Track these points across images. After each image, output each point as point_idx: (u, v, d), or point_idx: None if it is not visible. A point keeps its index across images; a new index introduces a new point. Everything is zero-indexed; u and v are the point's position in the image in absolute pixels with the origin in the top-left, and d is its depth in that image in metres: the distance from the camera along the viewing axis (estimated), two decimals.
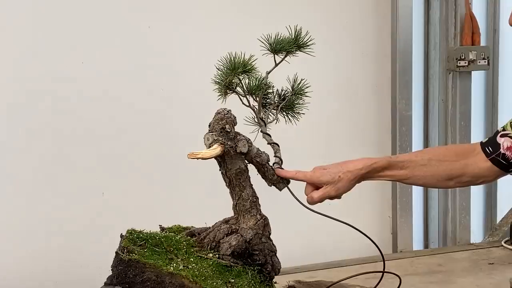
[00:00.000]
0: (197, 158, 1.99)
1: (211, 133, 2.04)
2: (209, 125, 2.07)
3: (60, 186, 2.89)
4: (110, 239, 2.21)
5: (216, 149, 2.01)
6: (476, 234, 3.66)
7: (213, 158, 2.06)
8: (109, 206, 2.95)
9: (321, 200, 2.10)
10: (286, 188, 2.16)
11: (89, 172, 2.93)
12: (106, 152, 2.95)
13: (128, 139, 2.97)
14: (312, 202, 2.12)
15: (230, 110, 2.07)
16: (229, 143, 2.04)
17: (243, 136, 2.09)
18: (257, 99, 2.18)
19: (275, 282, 2.58)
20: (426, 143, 3.58)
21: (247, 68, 2.12)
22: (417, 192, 3.56)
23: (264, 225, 2.14)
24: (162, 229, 2.23)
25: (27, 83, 2.82)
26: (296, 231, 3.20)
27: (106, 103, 2.93)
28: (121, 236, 2.10)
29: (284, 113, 2.27)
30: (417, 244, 3.61)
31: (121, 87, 2.95)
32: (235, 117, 2.07)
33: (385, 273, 2.32)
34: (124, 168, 2.96)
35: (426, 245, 3.66)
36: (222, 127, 2.03)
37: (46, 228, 2.88)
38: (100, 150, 2.94)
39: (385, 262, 2.33)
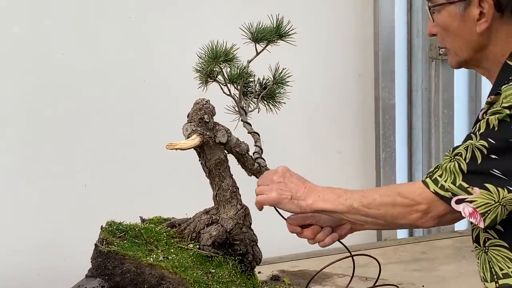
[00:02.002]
0: (176, 149, 1.98)
1: (189, 124, 2.03)
2: (188, 116, 2.06)
3: (43, 178, 2.87)
4: (93, 231, 2.19)
5: (195, 139, 2.00)
6: (461, 221, 3.67)
7: (193, 149, 2.05)
8: (92, 198, 2.93)
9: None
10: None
11: (72, 165, 2.91)
12: (88, 145, 2.93)
13: (109, 132, 2.96)
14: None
15: (208, 100, 2.06)
16: (207, 133, 2.03)
17: (222, 126, 2.08)
18: (238, 87, 2.17)
19: (259, 272, 2.59)
20: (409, 132, 3.59)
21: (229, 57, 2.11)
22: (401, 180, 3.56)
23: (245, 215, 2.13)
24: (143, 220, 2.22)
25: (6, 79, 2.81)
26: (278, 221, 3.19)
27: (87, 95, 2.91)
28: (101, 228, 2.09)
29: (265, 102, 2.26)
30: (402, 232, 3.62)
31: (101, 79, 2.93)
32: (213, 107, 2.05)
33: (371, 263, 2.30)
34: (105, 160, 2.95)
35: (411, 233, 3.67)
36: (201, 118, 2.02)
37: (28, 221, 2.86)
38: (82, 143, 2.92)
39: (370, 250, 2.32)
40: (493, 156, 1.63)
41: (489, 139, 1.63)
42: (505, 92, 1.63)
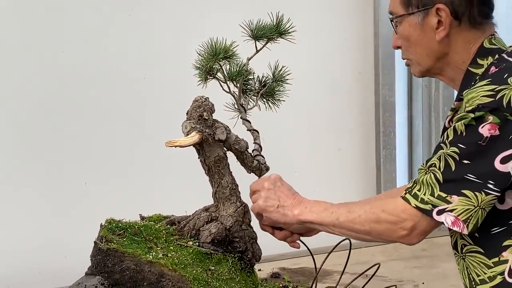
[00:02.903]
0: (175, 146, 1.97)
1: (188, 121, 2.02)
2: (187, 113, 2.05)
3: (43, 177, 2.88)
4: (93, 229, 2.19)
5: (194, 136, 1.99)
6: None
7: (192, 146, 2.04)
8: (92, 196, 2.93)
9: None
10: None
11: (72, 163, 2.91)
12: (88, 143, 2.94)
13: (109, 130, 2.96)
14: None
15: (207, 97, 2.05)
16: (207, 130, 2.02)
17: (221, 123, 2.07)
18: (238, 85, 2.17)
19: (259, 270, 2.59)
20: (410, 129, 3.59)
21: (228, 54, 2.11)
22: (401, 177, 3.56)
23: (244, 212, 2.13)
24: (142, 218, 2.22)
25: (6, 76, 2.81)
26: None
27: (86, 93, 2.91)
28: (101, 225, 2.09)
29: (265, 100, 2.25)
30: None
31: (101, 77, 2.93)
32: (212, 104, 2.05)
33: (372, 260, 2.31)
34: (105, 158, 2.95)
35: None
36: (200, 115, 2.02)
37: (29, 219, 2.87)
38: (82, 141, 2.93)
39: (370, 248, 2.31)
40: (466, 162, 1.65)
41: (459, 145, 1.65)
42: (466, 97, 1.66)
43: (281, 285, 2.17)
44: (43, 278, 2.84)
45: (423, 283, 2.67)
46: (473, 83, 1.70)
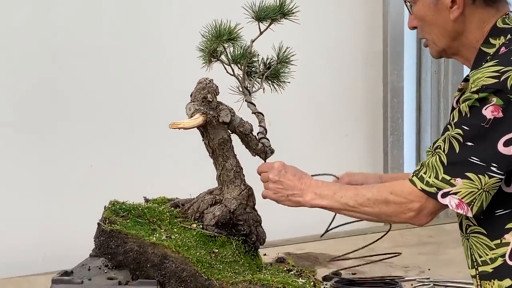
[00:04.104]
0: (179, 128, 1.97)
1: (192, 103, 2.01)
2: (191, 95, 2.04)
3: (49, 159, 2.88)
4: (98, 212, 2.19)
5: (198, 118, 1.98)
6: None
7: (196, 128, 2.03)
8: (98, 178, 2.93)
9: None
10: None
11: (77, 146, 2.91)
12: (94, 126, 2.93)
13: (115, 113, 2.95)
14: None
15: (212, 79, 2.04)
16: (211, 112, 2.01)
17: (226, 105, 2.06)
18: (242, 67, 2.15)
19: (264, 254, 2.58)
20: (418, 115, 3.56)
21: (232, 36, 2.09)
22: (409, 163, 3.54)
23: (248, 195, 2.12)
24: (147, 200, 2.21)
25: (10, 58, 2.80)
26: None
27: (92, 76, 2.91)
28: (105, 207, 2.09)
29: (270, 82, 2.24)
30: None
31: (107, 60, 2.92)
32: (217, 86, 2.04)
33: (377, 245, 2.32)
34: (111, 141, 2.95)
35: None
36: (204, 97, 2.01)
37: (34, 201, 2.87)
38: (88, 124, 2.92)
39: (377, 234, 2.38)
40: (469, 144, 1.64)
41: (463, 127, 1.64)
42: (472, 77, 1.65)
43: (285, 268, 2.16)
44: (48, 259, 2.85)
45: (429, 269, 2.66)
46: (483, 63, 1.69)
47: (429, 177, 1.68)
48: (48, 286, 1.97)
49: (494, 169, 1.62)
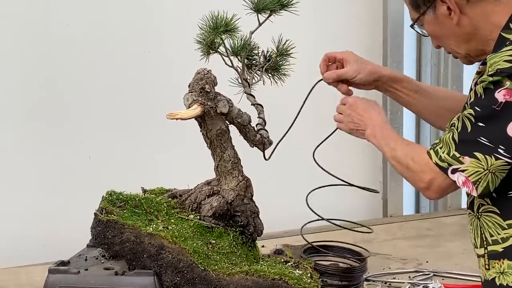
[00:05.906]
0: (176, 119, 1.97)
1: (190, 93, 2.01)
2: (189, 85, 2.04)
3: (48, 150, 2.88)
4: (97, 202, 2.19)
5: (196, 109, 1.98)
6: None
7: (194, 119, 2.03)
8: (96, 169, 2.93)
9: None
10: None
11: (76, 136, 2.91)
12: (92, 116, 2.93)
13: (114, 104, 2.95)
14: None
15: (210, 70, 2.04)
16: (209, 103, 2.01)
17: (224, 96, 2.06)
18: (241, 59, 2.15)
19: (263, 246, 2.58)
20: None
21: (229, 27, 2.08)
22: None
23: (246, 186, 2.12)
24: (144, 191, 2.21)
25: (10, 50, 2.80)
26: (284, 195, 3.18)
27: (91, 67, 2.90)
28: (102, 197, 2.09)
29: (269, 75, 2.24)
30: (408, 209, 3.59)
31: (106, 51, 2.92)
32: (215, 77, 2.04)
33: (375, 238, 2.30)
34: (109, 131, 2.95)
35: (417, 211, 3.64)
36: (202, 87, 2.01)
37: (32, 191, 2.87)
38: (87, 114, 2.92)
39: (375, 226, 2.35)
40: (480, 124, 1.69)
41: (476, 108, 1.69)
42: (490, 61, 1.68)
43: (282, 260, 2.16)
44: (47, 249, 2.85)
45: (427, 261, 2.66)
46: (503, 47, 1.71)
47: (443, 152, 1.73)
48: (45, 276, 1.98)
49: (501, 151, 1.66)
